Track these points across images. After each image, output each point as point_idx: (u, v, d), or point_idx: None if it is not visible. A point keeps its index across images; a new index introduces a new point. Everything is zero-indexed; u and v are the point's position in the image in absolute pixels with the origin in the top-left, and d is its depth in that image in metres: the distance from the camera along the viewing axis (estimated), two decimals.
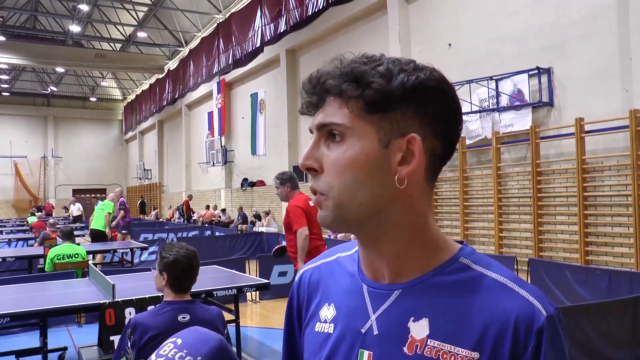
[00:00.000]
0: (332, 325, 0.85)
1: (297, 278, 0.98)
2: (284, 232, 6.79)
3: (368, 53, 0.81)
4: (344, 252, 0.93)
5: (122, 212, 13.18)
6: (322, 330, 0.86)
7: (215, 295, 4.48)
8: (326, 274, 0.92)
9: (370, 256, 0.83)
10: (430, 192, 0.82)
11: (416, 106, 0.76)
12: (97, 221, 11.31)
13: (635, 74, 7.47)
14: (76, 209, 22.10)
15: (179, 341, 0.78)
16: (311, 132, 0.82)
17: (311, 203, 4.78)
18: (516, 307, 0.74)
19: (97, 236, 11.14)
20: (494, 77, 9.28)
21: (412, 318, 0.78)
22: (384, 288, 0.81)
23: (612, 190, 7.78)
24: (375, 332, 0.79)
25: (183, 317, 2.57)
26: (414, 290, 0.79)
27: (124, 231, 13.20)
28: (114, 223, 12.83)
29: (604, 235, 7.90)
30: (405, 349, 0.76)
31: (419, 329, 0.77)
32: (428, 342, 0.76)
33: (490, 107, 9.47)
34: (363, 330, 0.80)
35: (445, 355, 0.74)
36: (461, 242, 0.84)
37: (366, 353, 0.79)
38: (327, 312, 0.87)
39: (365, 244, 0.83)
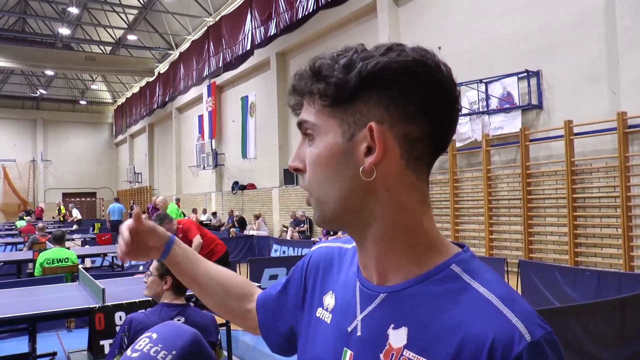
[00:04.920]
0: (330, 315, 0.85)
1: (312, 249, 1.01)
2: (275, 236, 6.90)
3: (348, 45, 0.78)
4: None
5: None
6: (322, 318, 0.87)
7: None
8: (338, 258, 0.92)
9: (361, 254, 0.81)
10: (418, 183, 0.76)
11: (379, 93, 0.72)
12: None
13: (622, 77, 7.55)
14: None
15: (154, 335, 0.79)
16: None
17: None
18: (495, 328, 0.67)
19: None
20: (483, 80, 9.33)
21: (392, 325, 0.74)
22: (371, 289, 0.79)
23: (600, 192, 7.84)
24: (359, 334, 0.78)
25: (178, 320, 2.58)
26: (398, 295, 0.76)
27: None
28: None
29: (593, 236, 7.96)
30: (381, 356, 0.74)
31: (398, 337, 0.73)
32: (404, 352, 0.72)
33: (480, 109, 9.53)
34: (349, 329, 0.80)
35: None
36: (462, 247, 0.79)
37: (349, 353, 0.78)
38: (330, 300, 0.87)
39: (357, 242, 0.81)
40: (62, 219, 24.36)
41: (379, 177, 0.73)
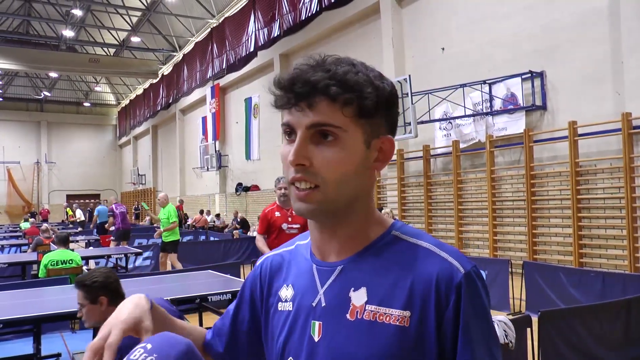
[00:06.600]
0: (290, 303, 0.96)
1: (258, 263, 1.09)
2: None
3: (336, 55, 0.92)
4: (302, 240, 1.04)
5: (110, 218, 12.94)
6: (283, 309, 0.97)
7: (209, 300, 4.48)
8: (287, 259, 1.03)
9: (324, 240, 0.94)
10: None
11: (386, 110, 0.89)
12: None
13: (626, 77, 7.53)
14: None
15: (149, 346, 0.81)
16: (289, 127, 0.89)
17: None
18: (437, 267, 0.85)
19: (167, 247, 9.56)
20: (487, 81, 9.32)
21: (352, 288, 0.88)
22: (329, 265, 0.93)
23: (605, 193, 7.82)
24: (323, 304, 0.90)
25: None
26: (353, 264, 0.90)
27: (112, 238, 12.90)
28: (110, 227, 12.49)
29: (597, 237, 7.93)
30: (348, 316, 0.87)
31: (359, 297, 0.87)
32: (366, 307, 0.86)
33: (484, 110, 9.51)
34: (314, 304, 0.91)
35: (381, 317, 0.85)
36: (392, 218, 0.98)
37: (317, 323, 0.90)
38: (287, 292, 0.98)
39: (324, 230, 0.93)
40: (69, 222, 24.47)
41: (375, 177, 0.91)
